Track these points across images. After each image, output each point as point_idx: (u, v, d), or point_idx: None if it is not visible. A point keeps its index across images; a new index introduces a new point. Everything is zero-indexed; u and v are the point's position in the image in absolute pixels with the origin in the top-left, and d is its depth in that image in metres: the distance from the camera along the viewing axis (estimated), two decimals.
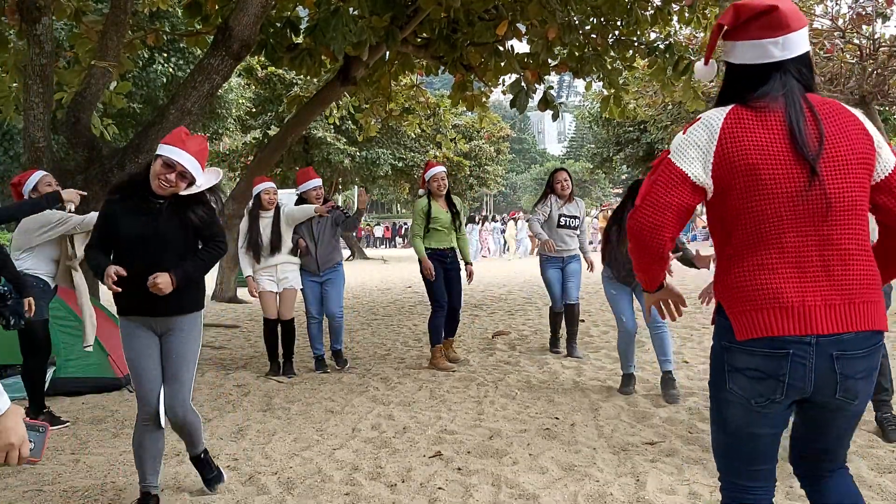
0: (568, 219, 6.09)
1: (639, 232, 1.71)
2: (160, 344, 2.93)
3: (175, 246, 2.88)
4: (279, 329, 5.73)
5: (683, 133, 1.72)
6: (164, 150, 2.83)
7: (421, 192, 5.93)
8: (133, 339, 2.91)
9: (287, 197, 6.04)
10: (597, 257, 5.71)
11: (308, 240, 5.72)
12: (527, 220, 25.30)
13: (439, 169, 5.86)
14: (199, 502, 3.01)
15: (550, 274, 6.15)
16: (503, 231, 26.56)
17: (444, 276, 5.79)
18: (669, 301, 1.97)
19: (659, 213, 1.68)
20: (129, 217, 2.87)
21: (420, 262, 5.74)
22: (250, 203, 5.80)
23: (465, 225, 6.20)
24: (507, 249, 25.38)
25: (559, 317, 6.29)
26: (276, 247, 5.57)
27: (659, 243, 1.70)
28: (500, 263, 20.98)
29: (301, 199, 5.76)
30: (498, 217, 34.00)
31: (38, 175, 4.37)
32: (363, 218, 6.88)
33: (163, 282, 2.78)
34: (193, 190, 2.88)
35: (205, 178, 2.93)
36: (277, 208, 5.67)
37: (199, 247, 3.00)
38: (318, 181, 5.74)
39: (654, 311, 4.67)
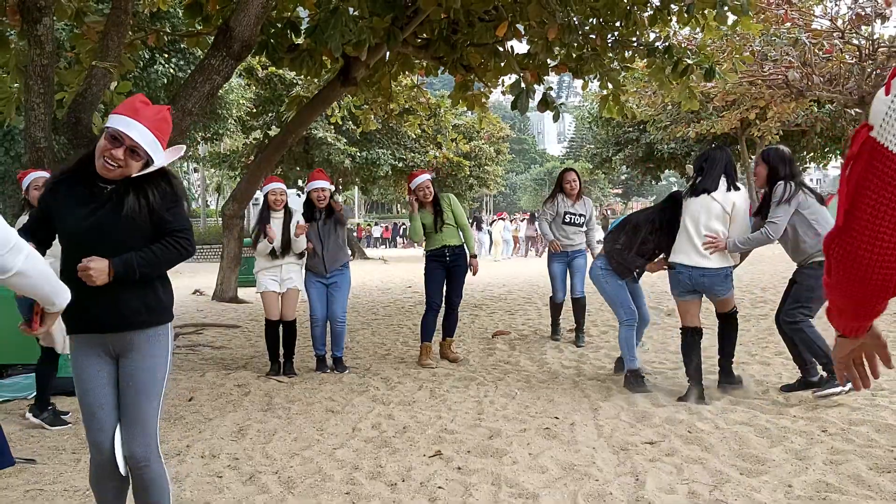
0: (573, 216, 6.50)
1: (853, 264, 1.12)
2: (117, 369, 2.33)
3: (127, 242, 2.24)
4: (280, 329, 5.73)
5: (886, 92, 1.10)
6: (113, 120, 2.23)
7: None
8: (81, 363, 2.30)
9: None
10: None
11: (315, 241, 5.72)
12: (527, 219, 25.38)
13: (423, 178, 5.94)
14: (199, 501, 3.03)
15: (555, 268, 6.63)
16: (490, 232, 26.71)
17: (444, 274, 5.89)
18: (873, 354, 1.31)
19: (878, 235, 1.07)
20: (70, 208, 2.27)
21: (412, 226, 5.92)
22: (259, 201, 5.83)
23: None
24: (492, 251, 25.43)
25: (559, 308, 6.80)
26: (286, 248, 5.56)
27: (883, 278, 1.10)
28: (498, 264, 20.98)
29: (308, 198, 5.82)
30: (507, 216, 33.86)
31: (31, 176, 4.43)
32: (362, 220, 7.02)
33: (96, 268, 2.16)
34: (150, 170, 2.27)
35: (165, 157, 2.30)
36: (288, 210, 5.64)
37: None
38: (318, 183, 5.74)
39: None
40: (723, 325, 4.64)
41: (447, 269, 5.88)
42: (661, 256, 4.73)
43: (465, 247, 5.97)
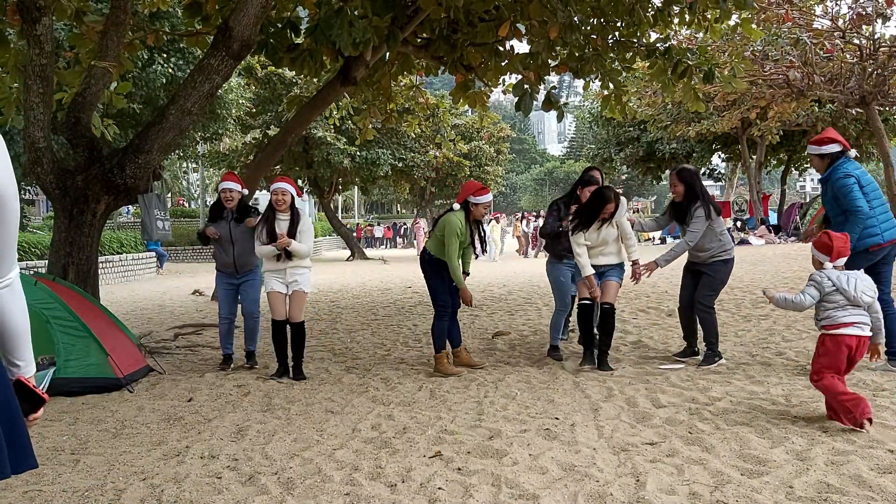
0: None
1: None
2: None
3: None
4: (288, 331, 5.61)
5: None
6: None
7: (456, 206, 5.61)
8: None
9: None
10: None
11: (226, 241, 5.84)
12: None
13: (491, 197, 5.71)
14: (199, 501, 3.02)
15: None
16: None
17: (447, 280, 5.64)
18: None
19: None
20: None
21: (461, 290, 5.53)
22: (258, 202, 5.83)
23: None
24: (493, 250, 25.36)
25: (572, 301, 6.85)
26: (290, 252, 5.46)
27: None
28: (497, 264, 20.96)
29: (218, 199, 6.03)
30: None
31: None
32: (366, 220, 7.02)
33: None
34: None
35: None
36: (296, 211, 5.58)
37: None
38: (226, 184, 5.93)
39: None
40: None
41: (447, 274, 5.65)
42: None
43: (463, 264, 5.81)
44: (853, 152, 4.98)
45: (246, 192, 6.08)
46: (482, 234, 5.89)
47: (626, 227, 5.53)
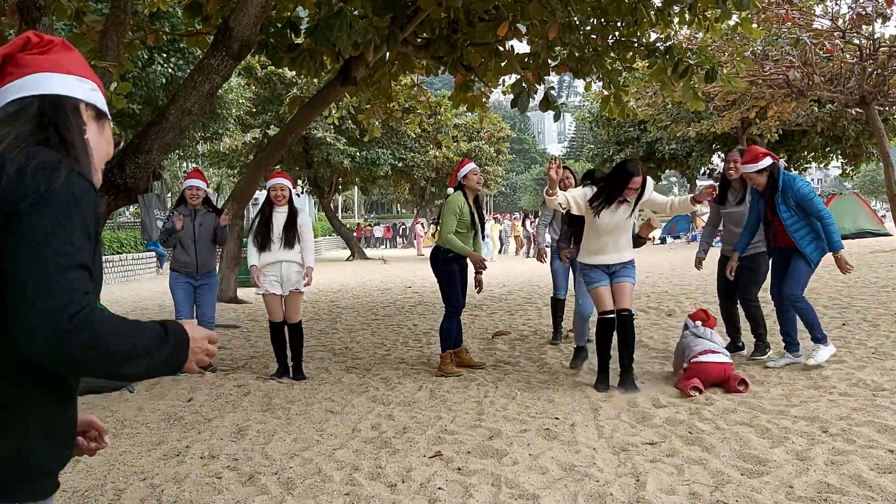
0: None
1: None
2: None
3: None
4: (286, 332, 5.60)
5: None
6: None
7: (451, 190, 5.66)
8: None
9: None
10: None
11: (188, 240, 5.80)
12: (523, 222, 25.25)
13: (474, 164, 5.72)
14: (199, 501, 3.02)
15: (557, 264, 6.56)
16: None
17: (459, 278, 5.59)
18: None
19: None
20: None
21: (469, 257, 5.46)
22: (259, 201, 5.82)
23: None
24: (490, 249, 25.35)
25: (560, 305, 6.71)
26: (289, 242, 5.43)
27: None
28: (497, 264, 20.96)
29: (182, 196, 6.02)
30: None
31: None
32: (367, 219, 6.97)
33: None
34: None
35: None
36: (293, 206, 5.58)
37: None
38: (192, 181, 5.93)
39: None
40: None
41: (460, 270, 5.58)
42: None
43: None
44: (781, 161, 5.07)
45: (210, 190, 6.11)
46: (481, 216, 5.73)
47: (659, 199, 4.85)
